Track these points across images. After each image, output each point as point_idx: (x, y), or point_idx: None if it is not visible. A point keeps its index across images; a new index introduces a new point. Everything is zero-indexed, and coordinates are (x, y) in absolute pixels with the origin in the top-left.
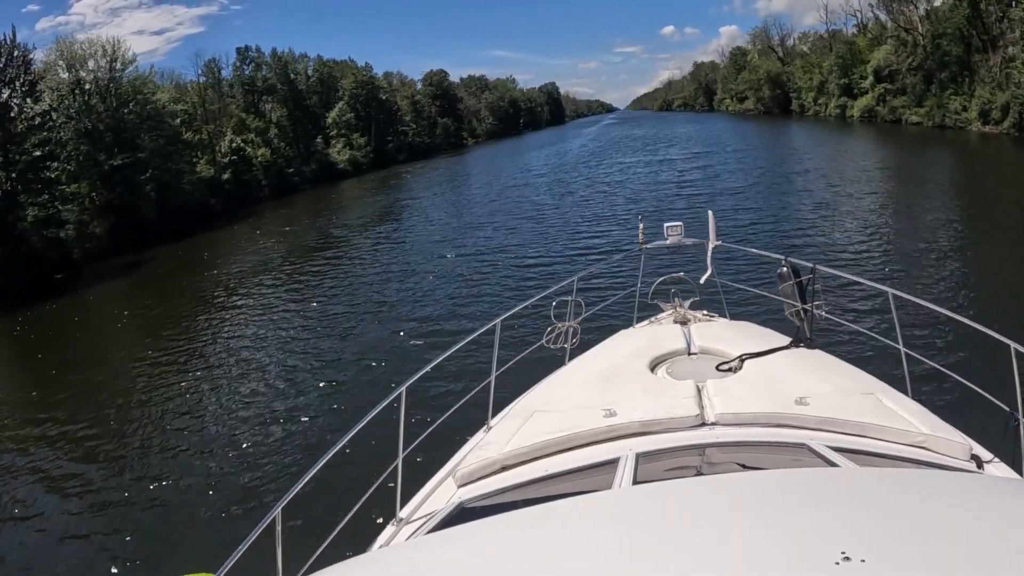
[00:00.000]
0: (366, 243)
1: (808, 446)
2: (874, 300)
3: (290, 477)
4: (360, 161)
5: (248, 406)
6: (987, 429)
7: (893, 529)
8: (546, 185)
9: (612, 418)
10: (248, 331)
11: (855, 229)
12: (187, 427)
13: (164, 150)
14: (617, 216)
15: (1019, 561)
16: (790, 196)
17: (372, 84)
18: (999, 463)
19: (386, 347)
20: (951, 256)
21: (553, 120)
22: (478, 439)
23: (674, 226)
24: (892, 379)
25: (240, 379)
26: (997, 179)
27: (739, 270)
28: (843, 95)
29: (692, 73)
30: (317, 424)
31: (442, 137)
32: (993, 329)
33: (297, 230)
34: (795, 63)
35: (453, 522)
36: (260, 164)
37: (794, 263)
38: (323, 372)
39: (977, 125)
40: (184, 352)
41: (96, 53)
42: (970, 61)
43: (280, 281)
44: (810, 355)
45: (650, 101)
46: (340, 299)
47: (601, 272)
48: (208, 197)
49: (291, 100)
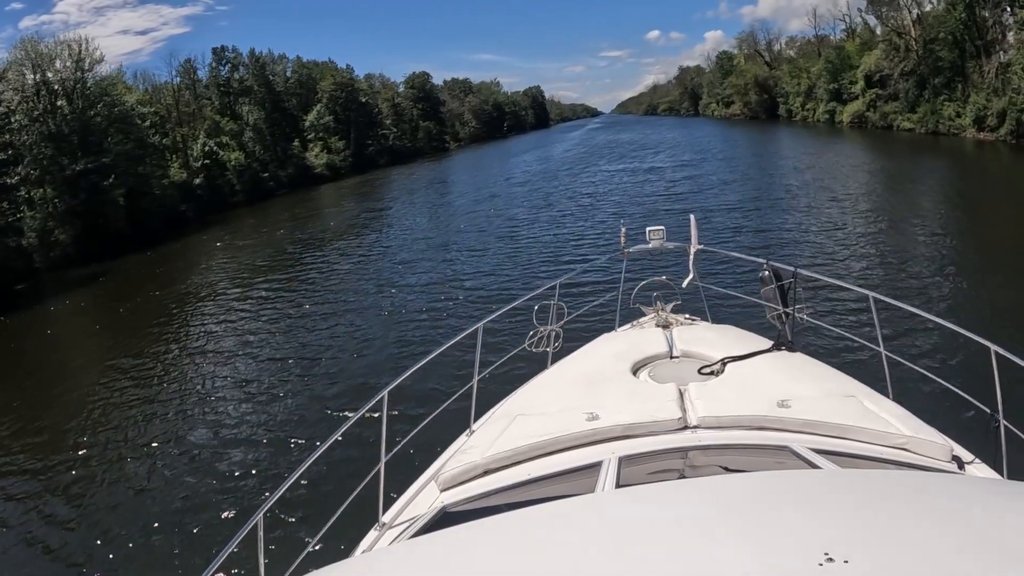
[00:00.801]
0: (343, 250)
1: (790, 448)
2: (855, 303)
3: (272, 482)
4: (338, 165)
5: (225, 414)
6: (968, 430)
7: (875, 530)
8: (524, 196)
9: (595, 422)
10: (222, 341)
11: (840, 235)
12: (162, 437)
13: (133, 154)
14: (598, 242)
15: (1000, 560)
16: (779, 204)
17: (352, 86)
18: (980, 464)
19: (367, 352)
20: (934, 260)
21: (538, 124)
22: (461, 443)
23: (656, 230)
24: (873, 382)
25: (216, 389)
26: (989, 186)
27: (721, 274)
28: (832, 100)
29: (678, 77)
30: (298, 429)
31: (424, 141)
32: (973, 332)
33: (272, 237)
34: (782, 68)
35: (436, 526)
36: (234, 168)
37: (776, 267)
38: (303, 378)
39: (972, 132)
40: (154, 364)
41: (63, 53)
42: (964, 66)
43: (254, 290)
44: (792, 358)
45: (635, 105)
46: (316, 306)
47: (583, 276)
48: (180, 203)
49: (269, 102)
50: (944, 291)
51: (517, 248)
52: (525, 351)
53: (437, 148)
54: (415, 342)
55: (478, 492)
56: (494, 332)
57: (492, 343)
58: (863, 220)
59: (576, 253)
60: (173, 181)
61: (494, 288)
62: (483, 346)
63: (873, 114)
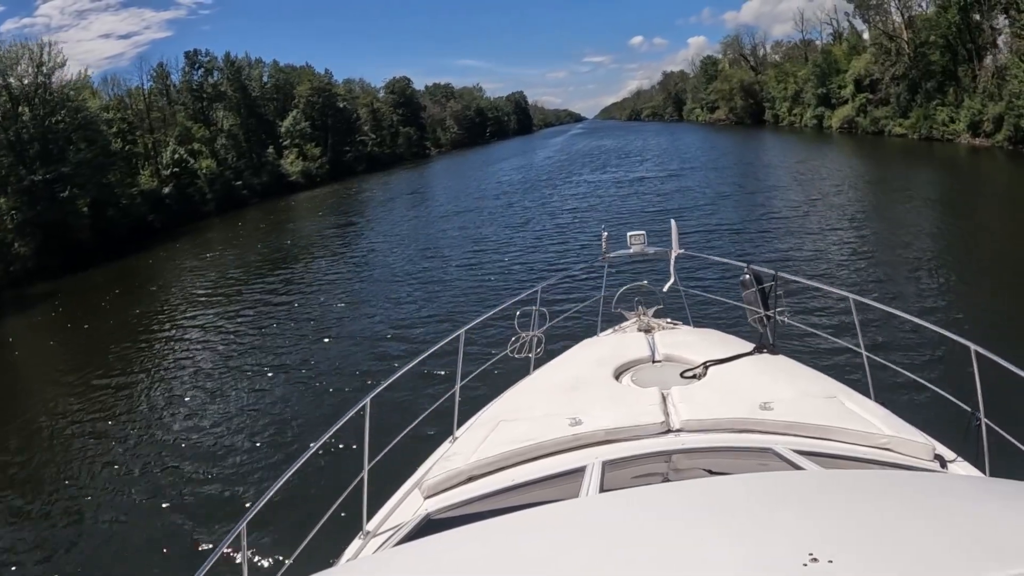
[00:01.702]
0: (317, 260)
1: (773, 450)
2: (836, 306)
3: (253, 493)
4: (314, 173)
5: (204, 427)
6: (950, 429)
7: (859, 529)
8: (499, 212)
9: (578, 427)
10: (194, 355)
11: (823, 240)
12: (137, 453)
13: (97, 162)
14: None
15: (983, 557)
16: (768, 213)
17: (329, 91)
18: (962, 462)
19: (348, 361)
20: (917, 263)
21: (520, 129)
22: (444, 450)
23: (637, 235)
24: (855, 383)
25: (192, 402)
26: (982, 192)
27: (703, 278)
28: (820, 105)
29: (661, 83)
30: (279, 440)
31: (404, 147)
32: (953, 332)
33: (243, 248)
34: (767, 72)
35: (420, 534)
36: (205, 176)
37: (757, 270)
38: (283, 388)
39: (966, 137)
40: (123, 380)
41: (24, 57)
42: (956, 70)
43: (227, 303)
44: (773, 361)
45: (618, 111)
46: (293, 318)
47: (565, 282)
48: (148, 213)
49: (244, 107)
50: (926, 292)
51: (482, 277)
52: (507, 357)
53: (417, 154)
54: (395, 353)
55: (462, 499)
56: (476, 338)
57: (474, 349)
58: (848, 225)
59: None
60: (142, 190)
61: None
62: (465, 352)
63: (863, 119)
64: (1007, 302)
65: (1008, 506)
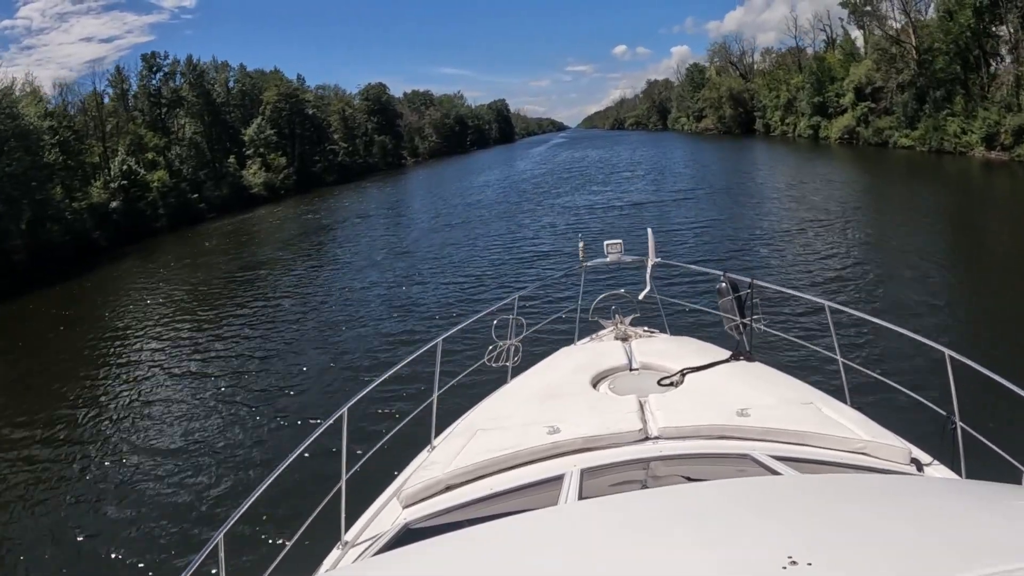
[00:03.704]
0: (279, 275)
1: (751, 456)
2: (812, 313)
3: (230, 504)
4: (278, 185)
5: (171, 449)
6: (925, 433)
7: (837, 533)
8: (463, 247)
9: (556, 435)
10: (155, 378)
11: (842, 264)
12: (104, 476)
13: (36, 175)
14: (557, 288)
15: (960, 557)
16: (783, 232)
17: (297, 97)
18: (938, 465)
19: (322, 374)
20: (922, 282)
21: (502, 138)
22: (422, 459)
23: (614, 244)
24: (831, 389)
25: (158, 421)
26: (997, 211)
27: (679, 287)
28: (816, 114)
29: (646, 91)
30: (256, 451)
31: (379, 156)
32: (928, 338)
33: (197, 266)
34: (756, 80)
35: (399, 543)
36: (158, 189)
37: (733, 278)
38: (256, 405)
39: (980, 150)
40: (74, 411)
41: None
42: (967, 79)
43: (184, 323)
44: (750, 368)
45: (601, 120)
46: (259, 336)
47: (542, 290)
48: (93, 229)
49: (208, 114)
50: (922, 308)
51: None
52: (485, 366)
53: (392, 164)
54: (371, 364)
55: (441, 508)
56: (453, 348)
57: (452, 359)
58: (857, 243)
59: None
60: (91, 204)
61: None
62: (442, 362)
63: (865, 130)
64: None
65: (983, 507)
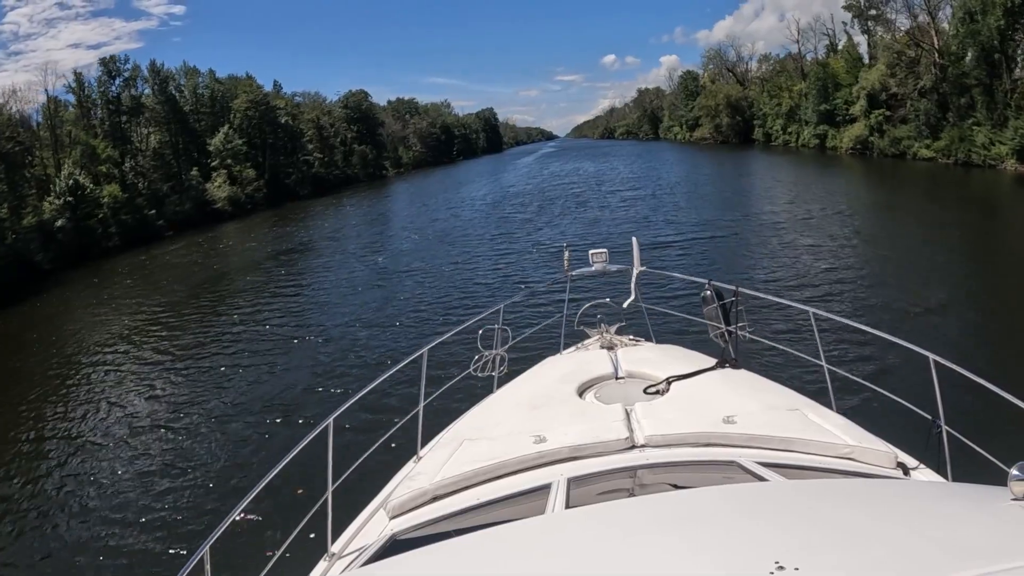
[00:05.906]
0: (247, 296)
1: (738, 463)
2: (796, 320)
3: (216, 517)
4: (244, 200)
5: (156, 464)
6: (911, 437)
7: (824, 537)
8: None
9: (542, 444)
10: (128, 403)
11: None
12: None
13: None
14: (542, 297)
15: (947, 560)
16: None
17: (267, 104)
18: (924, 469)
19: (308, 384)
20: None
21: (490, 147)
22: (408, 469)
23: (599, 253)
24: (816, 395)
25: (141, 433)
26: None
27: (665, 295)
28: (823, 123)
29: (636, 100)
30: (241, 463)
31: (359, 167)
32: (912, 343)
33: (154, 289)
34: (754, 87)
35: (386, 554)
36: (108, 205)
37: (717, 286)
38: (239, 418)
39: (1012, 163)
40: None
41: None
42: (992, 85)
43: (151, 347)
44: (735, 375)
45: (591, 129)
46: (236, 353)
47: (527, 300)
48: (37, 251)
49: (174, 123)
50: (904, 315)
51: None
52: (471, 376)
53: (373, 176)
54: (356, 374)
55: (427, 518)
56: (439, 357)
57: (437, 369)
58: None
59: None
60: (39, 221)
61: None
62: (428, 371)
63: (880, 140)
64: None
65: (970, 509)
